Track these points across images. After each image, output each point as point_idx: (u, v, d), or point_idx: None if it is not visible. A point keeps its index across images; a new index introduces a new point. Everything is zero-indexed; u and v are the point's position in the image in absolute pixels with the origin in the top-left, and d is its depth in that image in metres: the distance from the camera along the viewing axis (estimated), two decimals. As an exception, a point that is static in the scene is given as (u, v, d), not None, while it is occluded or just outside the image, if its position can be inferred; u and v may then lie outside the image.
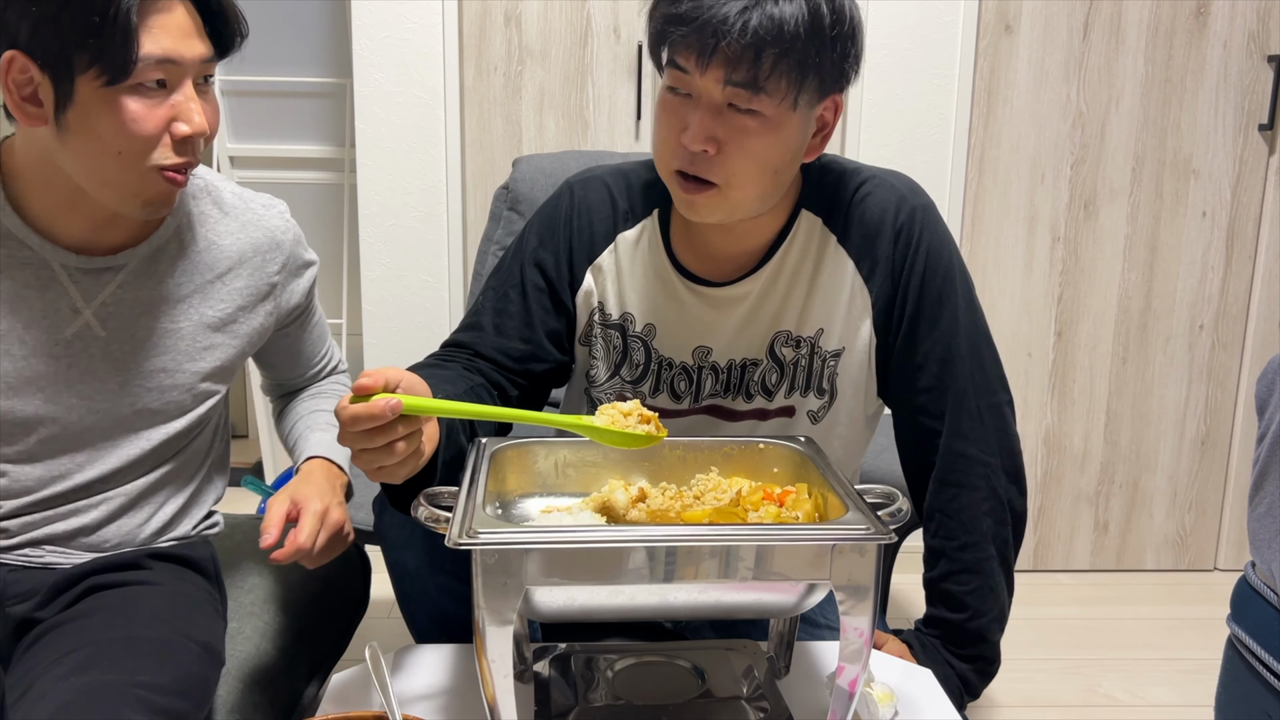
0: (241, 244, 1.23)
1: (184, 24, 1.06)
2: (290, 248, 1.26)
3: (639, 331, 1.24)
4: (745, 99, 1.05)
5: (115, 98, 1.03)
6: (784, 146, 1.09)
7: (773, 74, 1.03)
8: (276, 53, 2.59)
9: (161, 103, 1.06)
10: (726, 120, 1.06)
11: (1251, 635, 1.12)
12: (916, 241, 1.18)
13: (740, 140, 1.06)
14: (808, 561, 0.83)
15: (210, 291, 1.21)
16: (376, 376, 0.88)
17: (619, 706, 0.98)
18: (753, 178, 1.09)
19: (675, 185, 1.11)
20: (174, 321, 1.18)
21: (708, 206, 1.11)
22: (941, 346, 1.19)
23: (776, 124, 1.07)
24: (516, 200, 1.80)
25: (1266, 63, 2.36)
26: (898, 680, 1.06)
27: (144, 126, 1.05)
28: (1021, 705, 2.01)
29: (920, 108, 2.31)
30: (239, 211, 1.24)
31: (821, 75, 1.06)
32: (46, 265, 1.13)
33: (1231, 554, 2.60)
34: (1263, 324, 2.49)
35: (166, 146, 1.07)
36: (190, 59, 1.06)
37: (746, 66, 1.02)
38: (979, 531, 1.19)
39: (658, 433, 0.95)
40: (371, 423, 0.86)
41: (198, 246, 1.21)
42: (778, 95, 1.04)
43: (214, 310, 1.21)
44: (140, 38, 1.02)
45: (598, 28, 2.29)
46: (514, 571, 0.80)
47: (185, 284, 1.19)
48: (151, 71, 1.04)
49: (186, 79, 1.07)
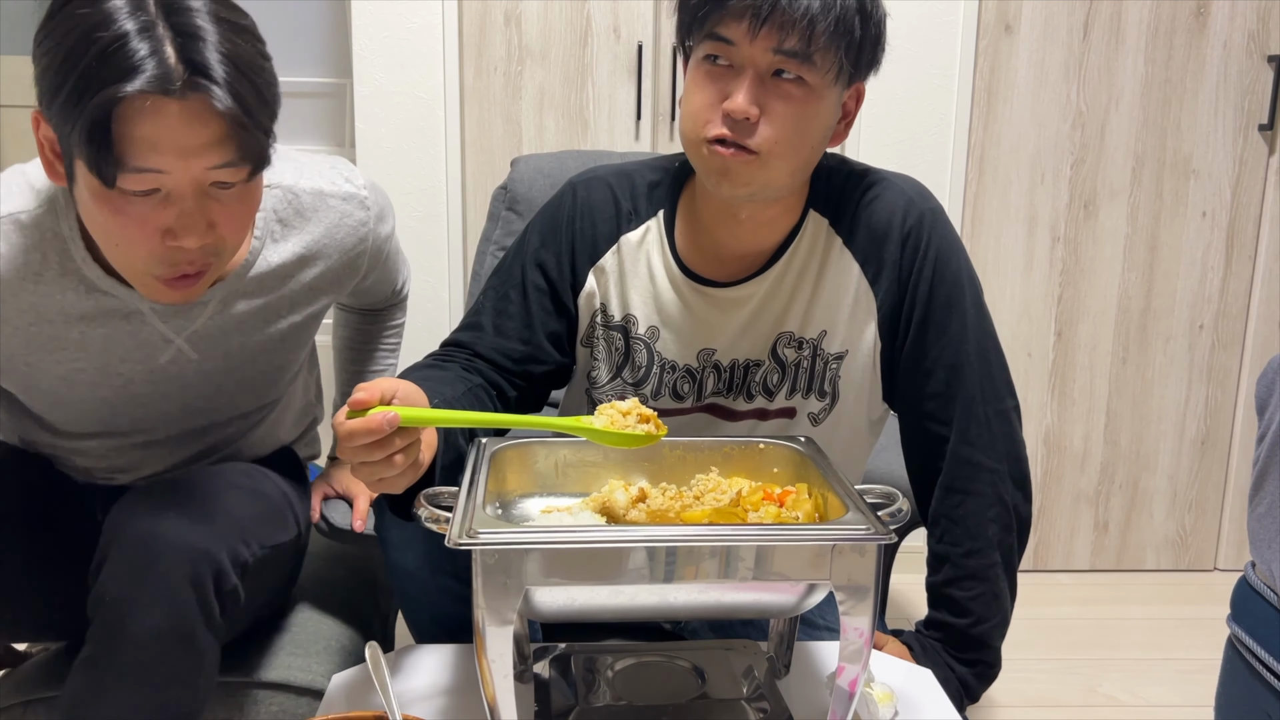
0: (325, 246, 1.23)
1: (180, 129, 0.91)
2: (371, 239, 1.28)
3: (642, 334, 1.24)
4: (795, 66, 1.06)
5: (104, 193, 0.93)
6: (821, 122, 1.11)
7: (824, 43, 1.05)
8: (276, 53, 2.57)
9: (156, 210, 0.94)
10: (771, 88, 1.07)
11: (1251, 635, 1.12)
12: (925, 246, 1.17)
13: (784, 108, 1.07)
14: (808, 561, 0.83)
15: (299, 297, 1.23)
16: (372, 390, 0.87)
17: (619, 707, 0.98)
18: (792, 148, 1.10)
19: (710, 154, 1.10)
20: (263, 333, 1.21)
21: (744, 175, 1.10)
22: (950, 353, 1.18)
23: (819, 95, 1.09)
24: (515, 200, 1.79)
25: (1266, 63, 2.36)
26: (898, 681, 1.06)
27: (131, 234, 0.96)
28: (1021, 705, 2.01)
29: (920, 108, 2.31)
30: (320, 214, 1.22)
31: (861, 53, 1.09)
32: (136, 310, 1.12)
33: (1231, 554, 2.60)
34: (1263, 324, 2.49)
35: (160, 256, 0.97)
36: (186, 176, 0.93)
37: (800, 34, 1.04)
38: (985, 538, 1.19)
39: (657, 431, 0.95)
40: (369, 438, 0.86)
41: (283, 259, 1.19)
42: (824, 66, 1.07)
43: (301, 313, 1.24)
44: (123, 145, 0.90)
45: (598, 28, 2.28)
46: (514, 571, 0.80)
47: (273, 299, 1.20)
48: (135, 181, 0.92)
49: (186, 189, 0.95)
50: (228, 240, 1.01)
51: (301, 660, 1.25)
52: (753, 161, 1.09)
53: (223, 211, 0.98)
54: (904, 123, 2.32)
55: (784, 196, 1.17)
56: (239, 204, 0.99)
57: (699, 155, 1.12)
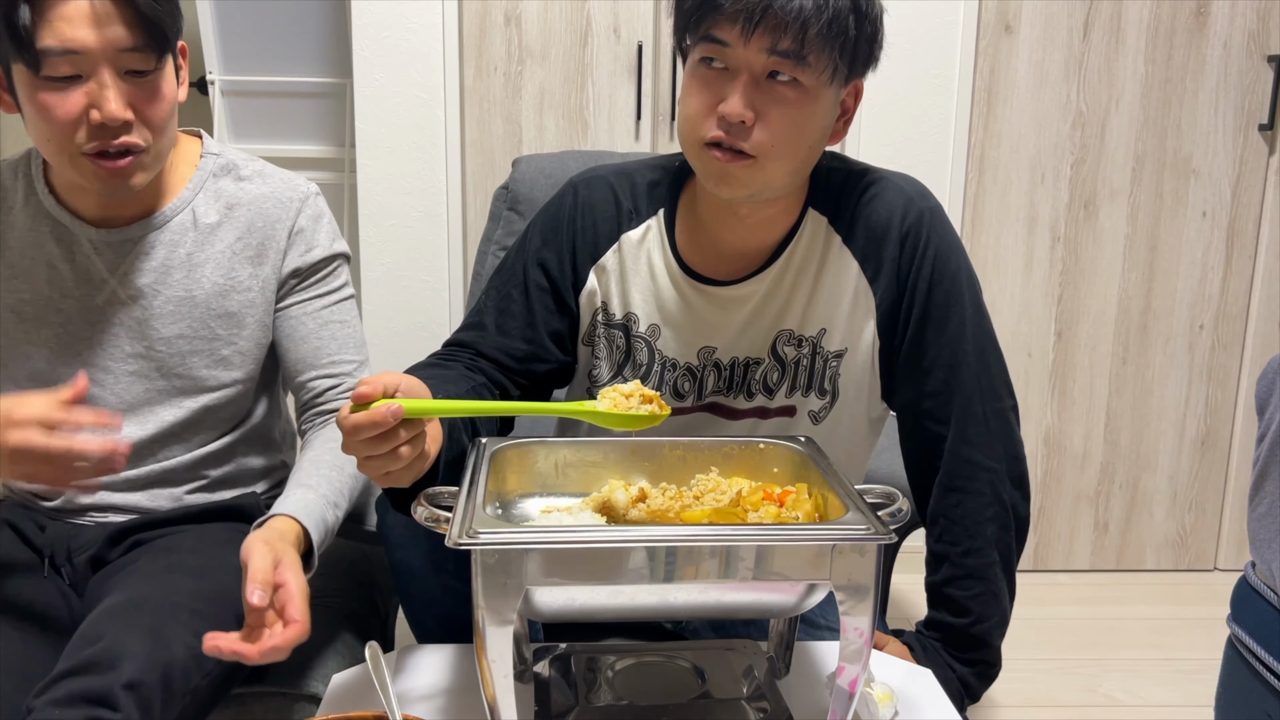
0: (252, 213, 1.28)
1: (87, 12, 1.07)
2: (298, 210, 1.29)
3: (642, 332, 1.24)
4: (789, 68, 1.06)
5: (35, 89, 1.10)
6: (818, 121, 1.11)
7: (818, 44, 1.05)
8: (276, 53, 2.58)
9: (74, 92, 1.10)
10: (766, 90, 1.07)
11: (1251, 635, 1.12)
12: (924, 245, 1.17)
13: (779, 110, 1.07)
14: (808, 561, 0.83)
15: (224, 261, 1.27)
16: (375, 383, 0.87)
17: (619, 707, 0.98)
18: (789, 150, 1.10)
19: (707, 158, 1.11)
20: (187, 290, 1.25)
21: (741, 178, 1.10)
22: (948, 352, 1.18)
23: (814, 96, 1.08)
24: (516, 200, 1.79)
25: (1266, 63, 2.36)
26: (898, 681, 1.06)
27: (56, 115, 1.10)
28: (1021, 705, 2.01)
29: (920, 108, 2.31)
30: (257, 181, 1.29)
31: (857, 52, 1.08)
32: (76, 239, 1.24)
33: (1231, 554, 2.60)
34: (1263, 324, 2.49)
35: (83, 134, 1.11)
36: (98, 47, 1.08)
37: (793, 36, 1.04)
38: (983, 537, 1.19)
39: (660, 411, 0.95)
40: (374, 430, 0.86)
41: (211, 218, 1.27)
42: (819, 67, 1.06)
43: (226, 277, 1.27)
44: (39, 31, 1.06)
45: (598, 28, 2.28)
46: (514, 571, 0.80)
47: (197, 254, 1.26)
48: (58, 63, 1.08)
49: (101, 68, 1.09)
50: (148, 129, 1.14)
51: (297, 663, 1.25)
52: (750, 164, 1.09)
53: (138, 97, 1.12)
54: (904, 123, 2.32)
55: (783, 196, 1.17)
56: (153, 96, 1.14)
57: (697, 158, 1.13)
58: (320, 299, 1.32)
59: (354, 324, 1.36)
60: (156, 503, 1.29)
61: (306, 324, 1.31)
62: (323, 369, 1.32)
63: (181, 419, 1.28)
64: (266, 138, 2.61)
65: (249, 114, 2.62)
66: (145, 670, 0.99)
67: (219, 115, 2.49)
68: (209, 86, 2.51)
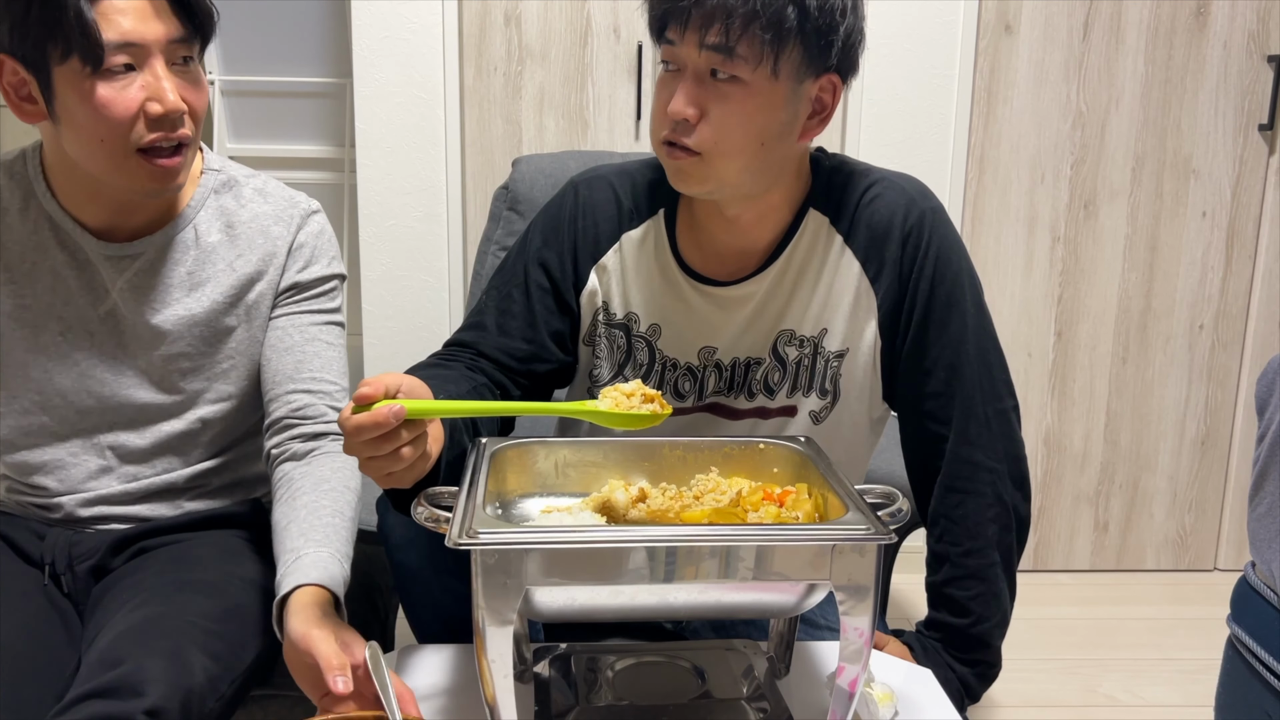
0: (253, 231, 1.26)
1: (142, 6, 1.09)
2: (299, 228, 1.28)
3: (643, 332, 1.24)
4: (721, 63, 1.07)
5: (89, 87, 1.09)
6: (768, 118, 1.10)
7: (744, 36, 1.05)
8: (276, 53, 2.58)
9: (131, 85, 1.10)
10: (709, 88, 1.08)
11: (1251, 635, 1.12)
12: (925, 245, 1.17)
13: (721, 106, 1.08)
14: (808, 561, 0.83)
15: (224, 280, 1.25)
16: (376, 384, 0.87)
17: (619, 707, 0.98)
18: (735, 146, 1.10)
19: (664, 155, 1.13)
20: (188, 309, 1.24)
21: (694, 174, 1.12)
22: (950, 352, 1.18)
23: (757, 92, 1.08)
24: (516, 200, 1.80)
25: (1266, 63, 2.36)
26: (898, 681, 1.06)
27: (116, 110, 1.10)
28: (1021, 705, 2.01)
29: (920, 108, 2.31)
30: (259, 200, 1.28)
31: (806, 46, 1.07)
32: (80, 249, 1.23)
33: (1231, 554, 2.60)
34: (1263, 324, 2.49)
35: (143, 127, 1.11)
36: (153, 39, 1.10)
37: (718, 29, 1.05)
38: (984, 538, 1.19)
39: (662, 410, 0.95)
40: (376, 431, 0.86)
41: (213, 236, 1.26)
42: (753, 60, 1.06)
43: (226, 296, 1.25)
44: (98, 25, 1.07)
45: (598, 28, 2.29)
46: (514, 571, 0.80)
47: (198, 272, 1.25)
48: (116, 56, 1.08)
49: (154, 59, 1.10)
50: (194, 121, 1.15)
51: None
52: (697, 161, 1.10)
53: (185, 88, 1.13)
54: (904, 123, 2.32)
55: (757, 194, 1.16)
56: (197, 86, 1.15)
57: (660, 157, 1.15)
58: (311, 315, 1.29)
59: (339, 348, 1.31)
60: (158, 512, 1.28)
61: (293, 336, 1.27)
62: (302, 384, 1.25)
63: (181, 430, 1.27)
64: (266, 138, 2.61)
65: (249, 114, 2.62)
66: (167, 697, 0.99)
67: (219, 115, 2.49)
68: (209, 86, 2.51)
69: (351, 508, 1.19)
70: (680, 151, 1.11)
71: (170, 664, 1.02)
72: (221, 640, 1.09)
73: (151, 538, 1.26)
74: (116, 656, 1.02)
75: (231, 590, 1.17)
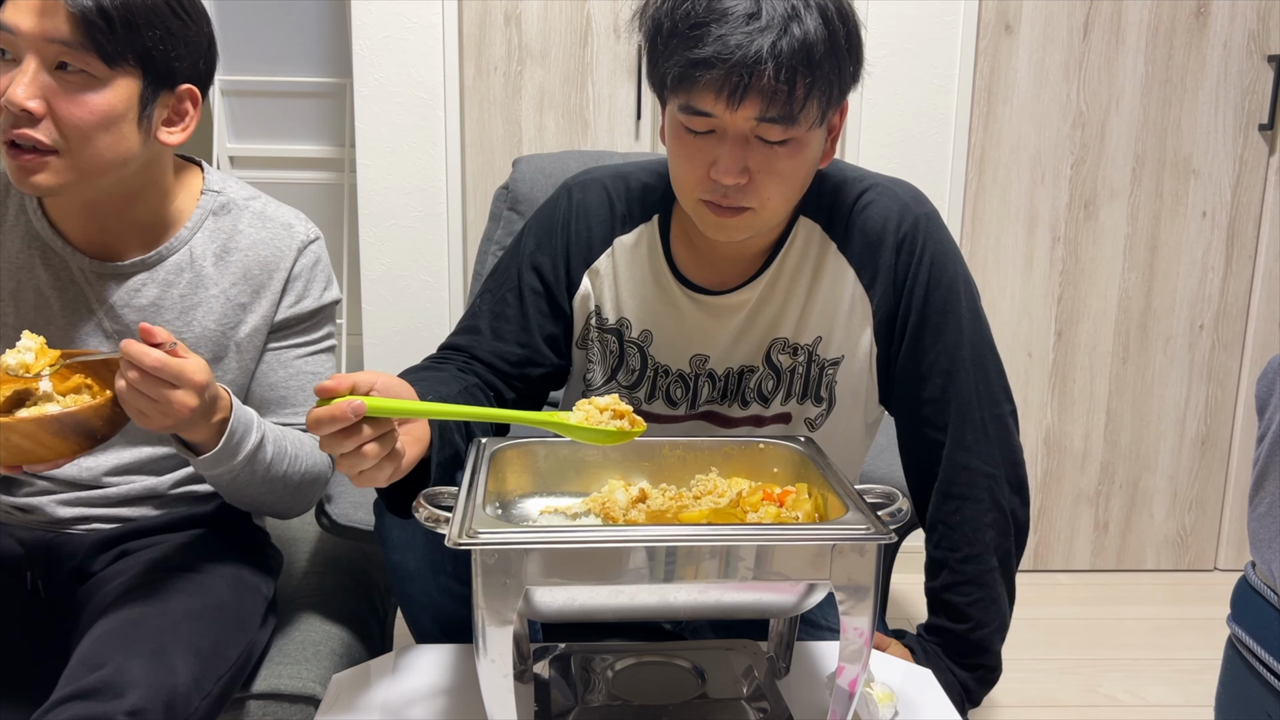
0: (249, 259, 1.23)
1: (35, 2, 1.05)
2: (295, 258, 1.24)
3: (635, 337, 1.24)
4: (778, 133, 1.04)
5: None
6: (810, 162, 1.10)
7: (806, 103, 1.02)
8: (276, 53, 2.58)
9: (2, 74, 1.07)
10: (756, 150, 1.05)
11: (1251, 635, 1.12)
12: (920, 252, 1.17)
13: (772, 166, 1.06)
14: (808, 561, 0.83)
15: (216, 306, 1.22)
16: (341, 380, 0.87)
17: (619, 707, 0.98)
18: (784, 196, 1.10)
19: (704, 211, 1.10)
20: (178, 332, 1.20)
21: (740, 226, 1.10)
22: (946, 358, 1.18)
23: (804, 145, 1.07)
24: (516, 200, 1.79)
25: (1266, 63, 2.36)
26: (898, 681, 1.06)
27: None
28: (1021, 705, 2.01)
29: (920, 108, 2.31)
30: (257, 225, 1.24)
31: (842, 88, 1.07)
32: (66, 267, 1.20)
33: (1231, 554, 2.60)
34: (1263, 324, 2.49)
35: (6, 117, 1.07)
36: (27, 31, 1.05)
37: (782, 101, 1.01)
38: (981, 544, 1.19)
39: (631, 428, 0.94)
40: (334, 425, 0.85)
41: (209, 260, 1.22)
42: (808, 122, 1.04)
43: (218, 323, 1.22)
44: None
45: (598, 28, 2.28)
46: (514, 571, 0.80)
47: (191, 296, 1.22)
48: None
49: (28, 54, 1.06)
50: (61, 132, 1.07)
51: (292, 668, 1.25)
52: (749, 216, 1.09)
53: (59, 94, 1.06)
54: (904, 123, 2.32)
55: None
56: (71, 94, 1.07)
57: (693, 210, 1.12)
58: (297, 348, 1.28)
59: (328, 373, 1.30)
60: (140, 513, 1.26)
61: (277, 371, 1.26)
62: (284, 418, 1.26)
63: (165, 452, 1.25)
64: (266, 138, 2.61)
65: (249, 114, 2.62)
66: (149, 698, 0.99)
67: (219, 115, 2.49)
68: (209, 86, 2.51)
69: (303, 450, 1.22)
70: (729, 212, 1.08)
71: (152, 664, 1.02)
72: (206, 638, 1.08)
73: (134, 539, 1.24)
74: (98, 658, 1.02)
75: (215, 588, 1.16)
